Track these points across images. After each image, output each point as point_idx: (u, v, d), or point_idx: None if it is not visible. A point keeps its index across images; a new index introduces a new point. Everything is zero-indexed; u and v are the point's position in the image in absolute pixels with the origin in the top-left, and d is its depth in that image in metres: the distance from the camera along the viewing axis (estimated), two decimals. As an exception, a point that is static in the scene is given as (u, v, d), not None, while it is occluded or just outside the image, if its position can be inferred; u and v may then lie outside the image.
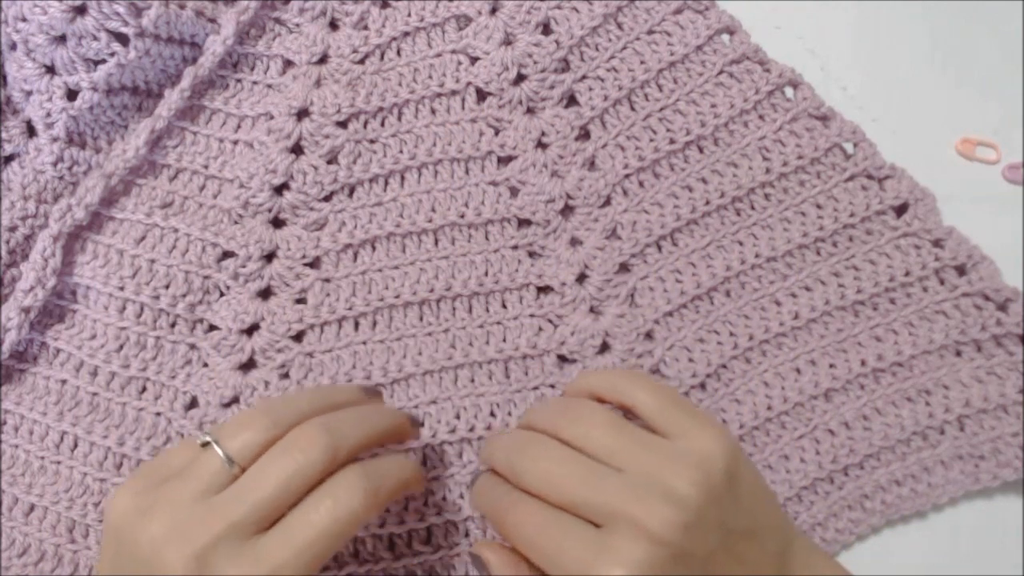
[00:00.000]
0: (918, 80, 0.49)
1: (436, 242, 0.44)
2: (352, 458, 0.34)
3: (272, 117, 0.44)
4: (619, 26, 0.45)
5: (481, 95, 0.45)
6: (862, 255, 0.43)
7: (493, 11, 0.45)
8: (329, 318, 0.43)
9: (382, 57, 0.45)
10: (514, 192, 0.44)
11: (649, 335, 0.43)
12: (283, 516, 0.33)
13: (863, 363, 0.42)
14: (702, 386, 0.43)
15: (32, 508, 0.42)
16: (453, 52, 0.45)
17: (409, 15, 0.45)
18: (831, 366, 0.42)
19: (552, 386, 0.43)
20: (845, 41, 0.50)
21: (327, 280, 0.43)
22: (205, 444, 0.34)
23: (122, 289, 0.43)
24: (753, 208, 0.44)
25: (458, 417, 0.42)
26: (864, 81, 0.48)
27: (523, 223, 0.44)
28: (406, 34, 0.46)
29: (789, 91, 0.44)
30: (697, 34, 0.44)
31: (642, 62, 0.44)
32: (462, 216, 0.44)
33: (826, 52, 0.49)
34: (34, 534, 0.41)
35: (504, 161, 0.44)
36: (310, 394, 0.37)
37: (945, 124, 0.48)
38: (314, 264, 0.44)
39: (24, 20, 0.41)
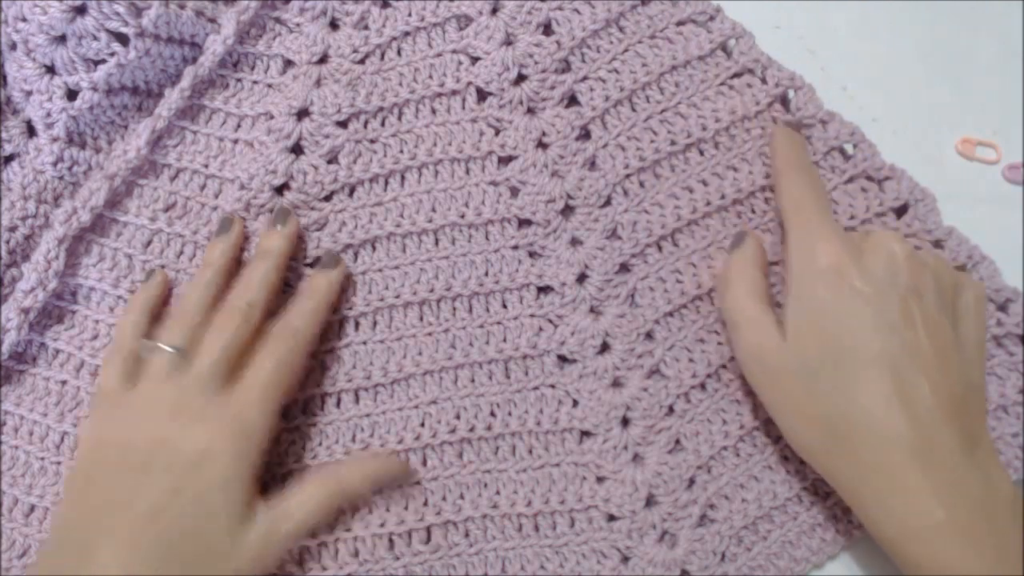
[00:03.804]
0: (918, 80, 0.49)
1: (436, 242, 0.44)
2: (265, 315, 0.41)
3: (272, 117, 0.44)
4: (621, 29, 0.45)
5: (481, 95, 0.45)
6: None
7: (494, 11, 0.45)
8: (330, 318, 0.43)
9: (382, 57, 0.45)
10: (514, 192, 0.44)
11: (649, 335, 0.43)
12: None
13: None
14: (703, 386, 0.43)
15: (32, 509, 0.42)
16: (454, 52, 0.45)
17: (409, 15, 0.45)
18: None
19: (552, 386, 0.43)
20: (845, 41, 0.50)
21: None
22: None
23: (132, 292, 0.43)
24: (754, 211, 0.44)
25: (458, 417, 0.42)
26: (864, 81, 0.48)
27: (523, 223, 0.44)
28: (406, 34, 0.45)
29: (791, 92, 0.44)
30: (700, 46, 0.44)
31: (644, 64, 0.44)
32: (462, 216, 0.44)
33: (826, 52, 0.49)
34: (35, 535, 0.41)
35: (504, 161, 0.44)
36: (208, 275, 0.41)
37: (945, 124, 0.48)
38: (315, 264, 0.44)
39: (24, 20, 0.41)
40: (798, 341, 0.38)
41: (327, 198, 0.44)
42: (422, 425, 0.42)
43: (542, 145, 0.44)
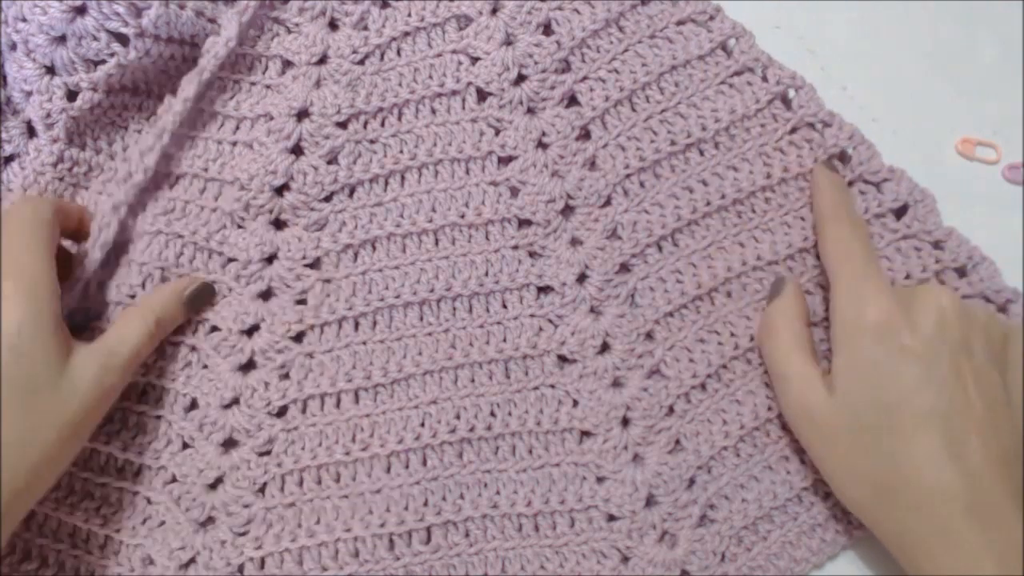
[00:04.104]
0: (918, 80, 0.49)
1: (436, 242, 0.44)
2: None
3: (272, 118, 0.44)
4: (620, 29, 0.45)
5: (481, 95, 0.45)
6: None
7: (494, 11, 0.45)
8: (329, 318, 0.43)
9: (382, 57, 0.45)
10: (514, 192, 0.44)
11: (650, 335, 0.43)
12: None
13: None
14: (703, 386, 0.43)
15: (32, 514, 0.42)
16: (453, 52, 0.45)
17: (409, 15, 0.45)
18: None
19: (552, 386, 0.43)
20: (845, 41, 0.50)
21: (327, 281, 0.43)
22: None
23: (132, 297, 0.43)
24: (754, 211, 0.44)
25: (458, 417, 0.42)
26: (864, 81, 0.48)
27: (523, 223, 0.44)
28: (406, 34, 0.45)
29: (792, 91, 0.44)
30: (700, 45, 0.44)
31: (644, 64, 0.44)
32: (462, 216, 0.44)
33: (826, 52, 0.49)
34: (35, 540, 0.41)
35: (504, 161, 0.44)
36: None
37: (945, 124, 0.48)
38: (314, 265, 0.44)
39: (24, 20, 0.41)
40: (847, 397, 0.38)
41: (327, 199, 0.44)
42: (422, 425, 0.42)
43: (542, 145, 0.44)
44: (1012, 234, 0.46)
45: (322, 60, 0.45)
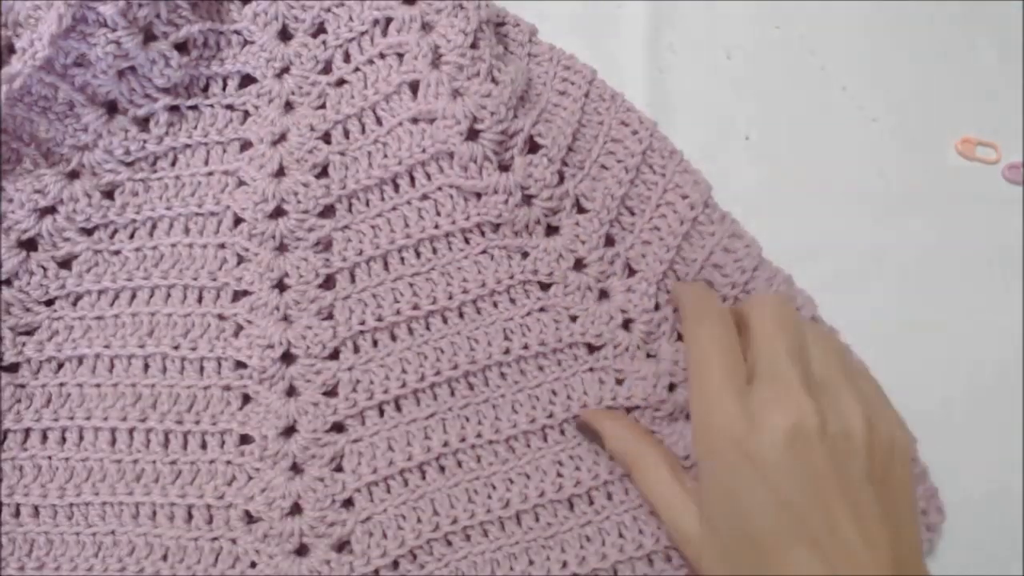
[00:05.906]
0: (918, 80, 0.49)
1: (146, 368, 0.42)
2: None
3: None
4: (395, 188, 0.44)
5: (237, 221, 0.43)
6: (587, 447, 0.42)
7: (275, 143, 0.44)
8: (14, 427, 0.42)
9: (154, 164, 0.44)
10: (238, 330, 0.42)
11: (348, 503, 0.41)
12: None
13: (564, 565, 0.40)
14: (395, 564, 0.41)
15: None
16: (224, 173, 0.44)
17: (196, 127, 0.44)
18: (531, 563, 0.41)
19: (233, 541, 0.41)
20: (845, 41, 0.49)
21: (21, 386, 0.42)
22: None
23: None
24: (487, 385, 0.42)
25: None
26: (864, 81, 0.48)
27: (239, 364, 0.42)
28: (187, 146, 0.44)
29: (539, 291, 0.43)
30: (466, 215, 0.43)
31: (406, 226, 0.43)
32: (176, 347, 0.42)
33: (826, 52, 0.48)
34: None
35: (239, 295, 0.43)
36: None
37: (945, 124, 0.48)
38: (11, 369, 0.42)
39: None
40: (713, 526, 0.35)
41: (48, 302, 0.43)
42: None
43: (280, 286, 0.43)
44: (1012, 234, 0.46)
45: (85, 148, 0.43)
